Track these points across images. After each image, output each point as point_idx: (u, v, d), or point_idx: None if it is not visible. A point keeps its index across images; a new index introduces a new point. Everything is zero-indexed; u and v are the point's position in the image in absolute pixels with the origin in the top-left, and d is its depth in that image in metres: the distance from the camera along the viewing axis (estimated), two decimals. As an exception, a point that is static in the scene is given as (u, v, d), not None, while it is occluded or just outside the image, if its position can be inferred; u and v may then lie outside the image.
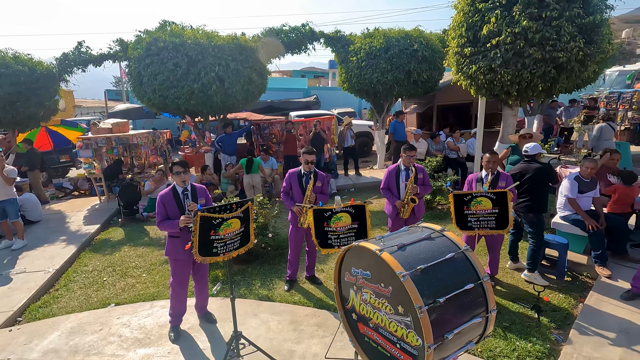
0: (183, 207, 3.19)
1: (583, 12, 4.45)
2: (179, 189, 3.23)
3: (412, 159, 4.08)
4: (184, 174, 3.16)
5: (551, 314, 3.65)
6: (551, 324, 3.51)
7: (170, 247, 3.30)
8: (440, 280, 1.80)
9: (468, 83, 5.34)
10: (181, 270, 3.35)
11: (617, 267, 4.30)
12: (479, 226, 3.45)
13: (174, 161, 3.22)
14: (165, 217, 3.20)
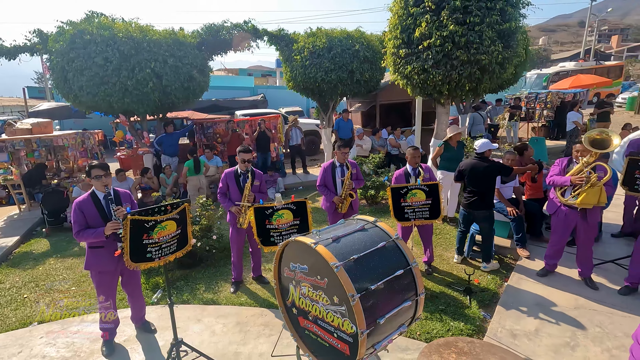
0: (106, 213, 2.93)
1: (501, 19, 4.91)
2: (99, 194, 2.96)
3: (346, 155, 4.22)
4: (105, 178, 2.90)
5: (480, 294, 3.99)
6: (480, 304, 3.84)
7: (92, 259, 2.99)
8: (373, 268, 1.88)
9: (404, 83, 5.62)
10: (107, 284, 3.05)
11: (534, 248, 4.82)
12: (414, 217, 3.66)
13: (92, 163, 2.93)
14: (84, 227, 2.88)
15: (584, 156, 3.79)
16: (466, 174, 4.22)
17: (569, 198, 3.83)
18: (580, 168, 3.78)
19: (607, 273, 4.19)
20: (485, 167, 4.12)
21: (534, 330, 3.33)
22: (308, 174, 9.41)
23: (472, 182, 4.20)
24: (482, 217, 4.26)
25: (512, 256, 4.79)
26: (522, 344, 3.17)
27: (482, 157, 4.23)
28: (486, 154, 4.22)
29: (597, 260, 4.30)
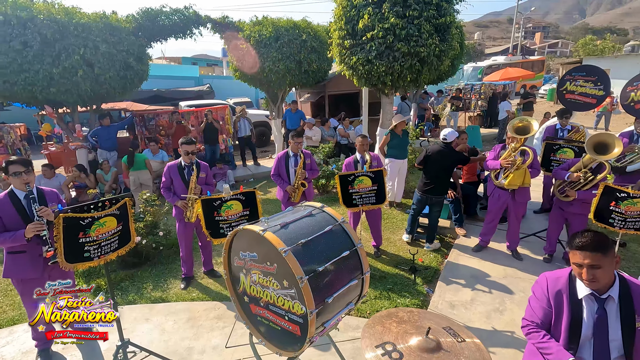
0: (27, 214, 2.64)
1: (437, 14, 5.21)
2: (19, 193, 2.66)
3: (299, 145, 4.27)
4: (26, 175, 2.61)
5: (424, 272, 4.29)
6: (424, 280, 4.14)
7: (12, 266, 2.69)
8: (320, 251, 1.96)
9: (350, 73, 5.76)
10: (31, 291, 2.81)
11: (470, 226, 5.27)
12: (362, 202, 3.82)
13: (10, 159, 2.64)
14: (1, 230, 2.59)
15: (512, 142, 4.21)
16: (432, 160, 4.41)
17: (500, 180, 4.24)
18: (509, 153, 4.19)
19: (530, 245, 4.72)
20: (449, 156, 4.36)
21: (469, 300, 3.68)
22: (259, 166, 9.31)
23: (434, 169, 4.41)
24: (436, 202, 4.52)
25: (451, 235, 5.19)
26: (459, 312, 3.49)
27: (448, 146, 4.42)
28: (453, 143, 4.43)
29: (522, 234, 4.82)
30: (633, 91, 5.08)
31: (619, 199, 3.11)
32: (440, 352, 1.48)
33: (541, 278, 1.94)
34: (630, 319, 1.73)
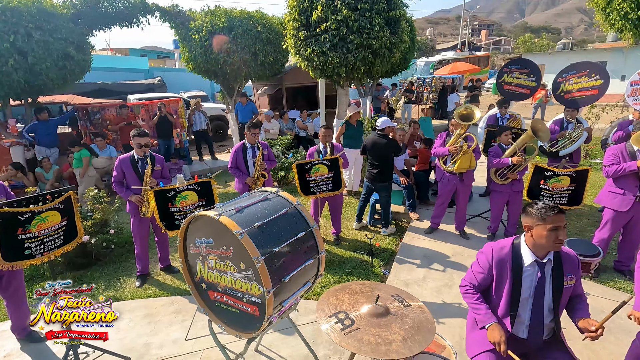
0: None
1: (387, 7, 5.41)
2: None
3: (256, 136, 4.27)
4: None
5: (381, 255, 4.49)
6: (381, 263, 4.33)
7: None
8: (276, 233, 2.01)
9: (306, 65, 5.81)
10: None
11: (423, 211, 5.57)
12: (319, 190, 3.92)
13: None
14: None
15: (457, 129, 4.51)
16: (369, 149, 4.61)
17: (449, 165, 4.53)
18: (455, 139, 4.48)
19: (476, 225, 5.10)
20: (384, 144, 4.54)
21: (422, 278, 3.92)
22: (216, 160, 9.10)
23: (374, 157, 4.60)
24: (381, 188, 4.71)
25: (406, 220, 5.46)
26: (413, 290, 3.71)
27: (382, 133, 4.60)
28: (386, 130, 4.57)
29: (468, 215, 5.19)
30: (562, 82, 5.63)
31: (547, 177, 3.47)
32: (388, 316, 1.60)
33: (486, 247, 2.14)
34: (560, 279, 1.97)
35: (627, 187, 3.39)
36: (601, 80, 5.29)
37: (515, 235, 2.14)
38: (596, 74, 5.33)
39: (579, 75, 5.46)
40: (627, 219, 3.48)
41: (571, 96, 5.52)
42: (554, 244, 1.87)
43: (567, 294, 2.00)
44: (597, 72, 5.32)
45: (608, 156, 3.44)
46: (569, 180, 3.43)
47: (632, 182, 3.37)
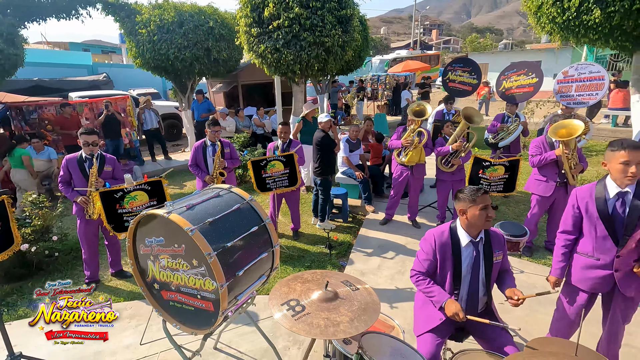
0: None
1: (338, 6, 5.53)
2: None
3: (217, 133, 4.23)
4: None
5: (339, 247, 4.63)
6: (339, 255, 4.47)
7: None
8: (228, 228, 2.03)
9: (260, 61, 5.79)
10: None
11: (378, 203, 5.80)
12: (275, 186, 3.96)
13: None
14: None
15: (411, 124, 4.74)
16: (312, 144, 4.71)
17: (402, 157, 4.76)
18: (409, 134, 4.72)
19: (426, 215, 5.41)
20: (321, 138, 4.61)
21: (377, 267, 4.11)
22: (170, 160, 8.78)
23: (315, 152, 4.71)
24: (320, 182, 4.77)
25: (362, 212, 5.66)
26: (368, 279, 3.88)
27: (321, 129, 4.66)
28: (324, 126, 4.61)
29: (420, 206, 5.48)
30: (504, 80, 6.10)
31: (484, 167, 3.79)
32: (337, 300, 1.70)
33: (428, 234, 2.31)
34: (490, 255, 2.19)
35: (549, 175, 3.79)
36: (537, 79, 5.82)
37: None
38: (533, 72, 5.86)
39: (518, 74, 5.96)
40: (551, 203, 3.90)
41: (511, 92, 6.01)
42: (486, 222, 2.08)
43: (497, 268, 2.23)
44: (534, 71, 5.85)
45: (532, 147, 3.82)
46: (503, 169, 3.77)
47: (553, 170, 3.77)
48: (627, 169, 2.07)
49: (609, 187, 2.18)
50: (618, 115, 9.78)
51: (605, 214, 2.17)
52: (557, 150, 3.62)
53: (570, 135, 3.44)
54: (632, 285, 2.20)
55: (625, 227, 2.12)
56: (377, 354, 1.60)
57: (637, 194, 2.11)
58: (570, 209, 2.35)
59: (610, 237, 2.18)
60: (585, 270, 2.31)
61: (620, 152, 2.09)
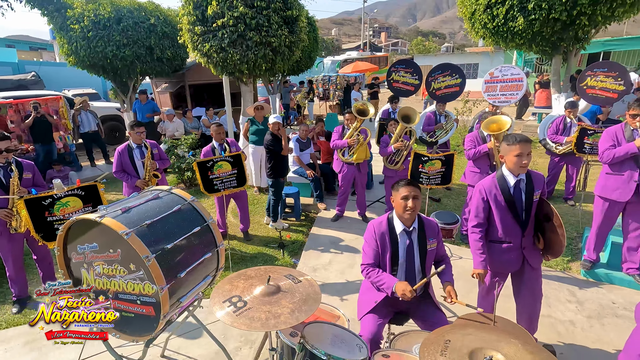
0: None
1: (284, 6, 5.56)
2: None
3: (141, 135, 4.06)
4: None
5: (292, 246, 4.67)
6: (291, 253, 4.51)
7: None
8: (168, 229, 1.99)
9: (205, 61, 5.66)
10: None
11: (329, 201, 5.93)
12: (223, 187, 3.91)
13: None
14: None
15: (352, 123, 4.90)
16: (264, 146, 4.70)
17: (347, 157, 4.91)
18: (352, 132, 4.87)
19: (376, 209, 5.63)
20: (271, 140, 4.59)
21: (328, 262, 4.21)
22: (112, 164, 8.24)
23: (266, 154, 4.71)
24: (272, 183, 4.78)
25: (315, 210, 5.75)
26: (319, 274, 3.97)
27: (269, 130, 4.64)
28: (272, 127, 4.58)
29: (369, 201, 5.70)
30: (432, 81, 6.48)
31: (423, 162, 4.05)
32: (279, 293, 1.75)
33: (369, 225, 2.43)
34: (424, 243, 2.36)
35: (482, 167, 4.14)
36: (460, 79, 6.28)
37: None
38: (456, 73, 6.31)
39: (443, 75, 6.38)
40: (485, 193, 4.25)
41: (440, 92, 6.42)
42: (404, 211, 2.24)
43: (432, 255, 2.41)
44: (457, 72, 6.30)
45: (467, 142, 4.16)
46: (440, 163, 4.06)
47: (485, 162, 4.13)
48: (520, 160, 2.37)
49: (507, 177, 2.48)
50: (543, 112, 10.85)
51: (511, 202, 2.45)
52: (489, 143, 3.97)
53: (499, 129, 3.79)
54: (536, 257, 2.55)
55: (525, 210, 2.43)
56: (318, 342, 1.66)
57: (528, 180, 2.44)
58: (480, 202, 2.53)
59: (517, 221, 2.46)
60: (500, 254, 2.57)
61: (515, 145, 2.38)
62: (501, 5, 7.07)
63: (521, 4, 6.80)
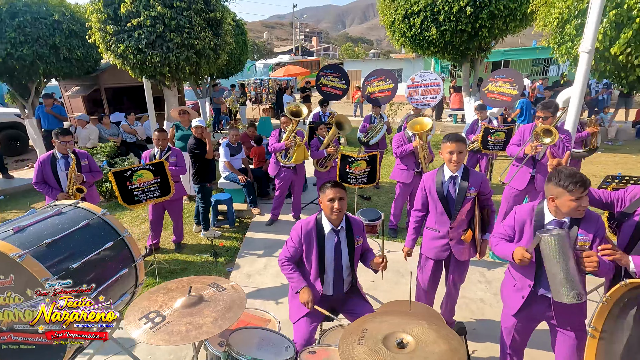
0: None
1: (207, 8, 5.40)
2: None
3: (68, 144, 3.68)
4: None
5: (225, 254, 4.54)
6: (225, 261, 4.39)
7: None
8: (73, 247, 1.82)
9: (121, 63, 5.25)
10: None
11: (264, 205, 5.88)
12: (145, 197, 3.66)
13: None
14: None
15: (288, 126, 4.92)
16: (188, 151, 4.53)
17: (286, 160, 4.91)
18: (288, 135, 4.89)
19: (310, 211, 5.71)
20: (194, 145, 4.45)
21: (263, 267, 4.18)
22: (11, 179, 7.23)
23: (191, 159, 4.54)
24: (198, 189, 4.63)
25: (249, 216, 5.66)
26: (254, 279, 3.93)
27: (192, 134, 4.48)
28: (195, 132, 4.42)
29: (303, 204, 5.77)
30: (368, 85, 6.84)
31: (350, 163, 4.23)
32: (202, 303, 1.70)
33: (297, 225, 2.47)
34: (352, 240, 2.47)
35: (408, 164, 4.46)
36: (392, 84, 6.71)
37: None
38: (389, 78, 6.73)
39: (378, 80, 6.77)
40: (411, 190, 4.58)
41: (375, 96, 6.79)
42: (331, 212, 2.34)
43: (359, 252, 2.54)
44: (390, 77, 6.73)
45: (394, 142, 4.45)
46: (365, 163, 4.29)
47: (411, 160, 4.45)
48: (451, 157, 2.62)
49: (445, 173, 2.72)
50: (457, 114, 12.01)
51: (442, 194, 2.69)
52: (415, 142, 4.29)
53: (422, 129, 4.12)
54: (461, 250, 2.77)
55: (456, 204, 2.68)
56: (245, 347, 1.65)
57: (464, 177, 2.68)
58: (419, 191, 2.85)
59: (446, 212, 2.71)
60: (431, 241, 2.81)
61: (447, 143, 2.63)
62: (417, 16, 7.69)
63: (433, 16, 7.47)
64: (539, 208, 2.06)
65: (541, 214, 2.04)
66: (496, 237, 2.24)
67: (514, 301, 2.16)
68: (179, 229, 4.61)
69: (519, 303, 2.11)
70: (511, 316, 2.18)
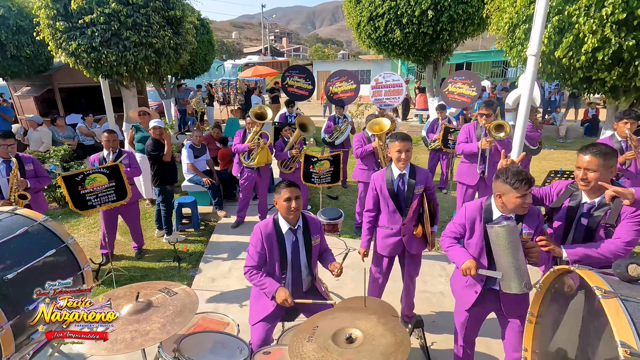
0: None
1: (165, 6, 5.24)
2: None
3: (9, 148, 3.46)
4: None
5: (189, 258, 4.42)
6: (189, 266, 4.27)
7: None
8: (8, 257, 1.71)
9: (74, 61, 4.99)
10: None
11: (230, 207, 5.78)
12: (99, 202, 3.50)
13: None
14: None
15: (253, 127, 4.85)
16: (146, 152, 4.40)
17: (249, 161, 4.85)
18: (252, 136, 4.83)
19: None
20: (152, 146, 4.33)
21: (228, 270, 4.11)
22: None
23: (150, 160, 4.41)
24: (159, 192, 4.51)
25: (215, 219, 5.55)
26: (219, 283, 3.85)
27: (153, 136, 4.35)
28: (153, 132, 4.31)
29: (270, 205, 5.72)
30: (330, 86, 6.90)
31: (313, 163, 4.26)
32: (150, 309, 1.65)
33: (255, 228, 2.45)
34: (309, 239, 2.48)
35: (369, 164, 4.54)
36: (355, 85, 6.80)
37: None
38: (351, 79, 6.82)
39: (340, 81, 6.84)
40: (372, 188, 4.67)
41: (338, 97, 6.86)
42: (288, 211, 2.35)
43: (317, 251, 2.55)
44: (352, 78, 6.82)
45: (355, 142, 4.51)
46: (328, 163, 4.33)
47: (372, 160, 4.53)
48: (400, 155, 2.68)
49: (394, 171, 2.78)
50: (423, 114, 12.37)
51: (392, 192, 2.76)
52: (374, 142, 4.36)
53: (381, 130, 4.20)
54: (414, 245, 2.86)
55: (406, 200, 2.75)
56: (197, 352, 1.62)
57: (411, 175, 2.76)
58: (370, 191, 2.88)
59: (397, 210, 2.78)
60: (384, 239, 2.87)
61: (395, 142, 2.69)
62: (381, 18, 7.86)
63: (397, 18, 7.66)
64: (487, 204, 2.16)
65: (489, 210, 2.13)
66: (449, 237, 2.30)
67: (467, 297, 2.24)
68: (137, 234, 4.44)
69: (473, 298, 2.20)
70: (464, 311, 2.27)
